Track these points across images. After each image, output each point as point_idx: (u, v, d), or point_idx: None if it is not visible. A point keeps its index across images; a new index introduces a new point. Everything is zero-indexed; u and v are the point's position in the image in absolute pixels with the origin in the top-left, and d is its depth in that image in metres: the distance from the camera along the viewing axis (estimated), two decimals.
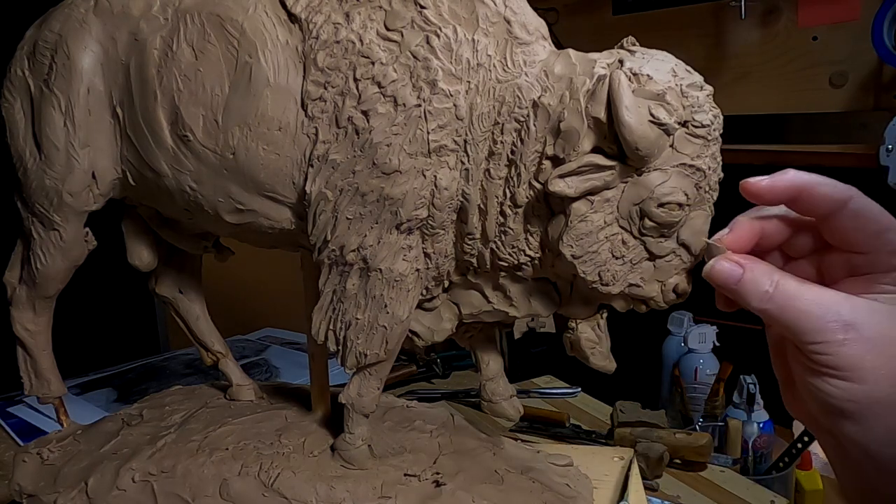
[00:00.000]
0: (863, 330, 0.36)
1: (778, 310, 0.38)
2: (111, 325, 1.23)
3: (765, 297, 0.38)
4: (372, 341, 0.50)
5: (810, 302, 0.37)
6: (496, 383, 0.58)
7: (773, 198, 0.40)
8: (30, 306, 0.56)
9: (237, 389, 0.62)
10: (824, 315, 0.37)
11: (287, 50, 0.47)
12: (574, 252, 0.45)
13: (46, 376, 0.59)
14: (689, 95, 0.43)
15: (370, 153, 0.45)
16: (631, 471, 0.61)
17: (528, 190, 0.46)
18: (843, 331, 0.36)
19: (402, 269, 0.48)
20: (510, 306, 0.52)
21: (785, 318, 0.38)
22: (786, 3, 1.16)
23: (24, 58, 0.53)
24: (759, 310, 0.39)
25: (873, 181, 0.94)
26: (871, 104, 1.08)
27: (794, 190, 0.39)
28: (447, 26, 0.45)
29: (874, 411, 0.36)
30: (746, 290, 0.39)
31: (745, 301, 0.40)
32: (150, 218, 0.58)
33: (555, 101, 0.44)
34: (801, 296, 0.38)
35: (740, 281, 0.40)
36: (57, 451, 0.56)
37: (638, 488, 0.59)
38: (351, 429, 0.53)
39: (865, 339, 0.36)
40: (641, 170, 0.44)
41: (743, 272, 0.40)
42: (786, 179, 0.39)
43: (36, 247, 0.54)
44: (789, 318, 0.38)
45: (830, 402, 0.37)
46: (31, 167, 0.52)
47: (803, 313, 0.37)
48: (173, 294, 0.62)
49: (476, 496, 0.51)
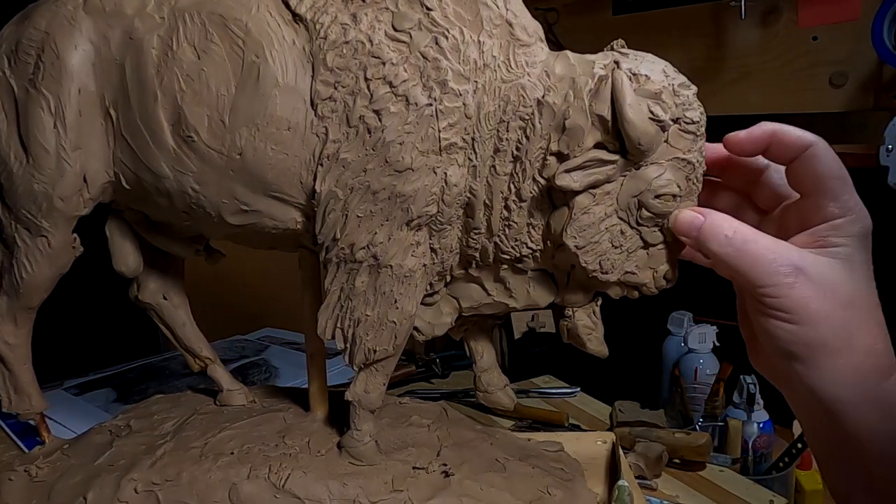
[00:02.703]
0: (809, 276, 0.40)
1: (736, 253, 0.42)
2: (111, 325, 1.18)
3: (724, 241, 0.43)
4: (381, 337, 0.51)
5: (764, 248, 0.41)
6: (490, 374, 0.60)
7: (751, 146, 0.45)
8: (10, 318, 0.54)
9: (228, 394, 0.61)
10: (776, 259, 0.41)
11: (294, 50, 0.47)
12: (577, 243, 0.48)
13: (27, 391, 0.56)
14: (681, 94, 0.46)
15: (382, 151, 0.46)
16: (618, 453, 0.65)
17: (533, 185, 0.48)
18: (793, 275, 0.40)
19: (411, 265, 0.49)
20: (510, 298, 0.54)
21: (741, 263, 0.42)
22: (786, 3, 1.15)
23: (4, 56, 0.50)
24: (718, 253, 0.43)
25: (873, 181, 0.92)
26: (871, 104, 1.07)
27: (768, 136, 0.44)
28: (454, 28, 0.47)
29: (820, 353, 0.40)
30: (707, 235, 0.44)
31: (706, 245, 0.44)
32: (136, 223, 0.56)
33: (559, 100, 0.46)
34: (757, 241, 0.42)
35: (702, 227, 0.44)
36: (46, 467, 0.53)
37: (627, 469, 0.63)
38: (358, 425, 0.53)
39: (811, 284, 0.40)
40: (639, 164, 0.47)
41: (704, 219, 0.44)
42: (760, 128, 0.44)
43: (20, 255, 0.51)
44: (745, 262, 0.42)
45: (781, 345, 0.41)
46: (17, 171, 0.50)
47: (758, 257, 0.41)
48: (157, 301, 0.61)
49: (484, 484, 0.53)
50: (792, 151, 0.43)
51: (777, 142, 0.44)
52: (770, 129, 0.44)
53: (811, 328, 0.40)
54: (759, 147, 0.45)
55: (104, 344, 1.16)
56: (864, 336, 0.40)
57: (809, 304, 0.40)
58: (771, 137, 0.44)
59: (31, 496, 0.51)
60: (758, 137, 0.44)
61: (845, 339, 0.40)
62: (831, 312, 0.40)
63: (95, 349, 1.12)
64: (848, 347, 0.40)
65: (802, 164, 0.43)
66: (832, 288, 0.40)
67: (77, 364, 1.03)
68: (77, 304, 0.99)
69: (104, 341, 1.18)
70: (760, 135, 0.44)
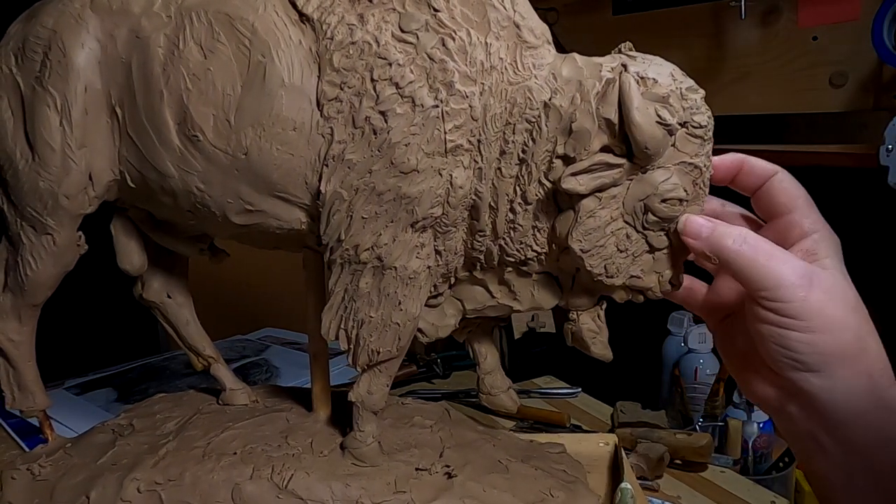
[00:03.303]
0: (821, 282, 0.41)
1: (747, 259, 0.42)
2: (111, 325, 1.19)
3: (736, 246, 0.43)
4: (385, 338, 0.51)
5: (776, 255, 0.42)
6: (494, 376, 0.60)
7: (722, 174, 0.47)
8: (14, 315, 0.54)
9: (231, 394, 0.61)
10: (788, 266, 0.41)
11: (300, 50, 0.47)
12: (583, 246, 0.48)
13: (31, 388, 0.56)
14: (688, 98, 0.46)
15: (388, 153, 0.46)
16: (620, 455, 0.65)
17: (539, 187, 0.48)
18: (807, 280, 0.41)
19: (415, 267, 0.49)
20: (514, 300, 0.54)
21: (755, 266, 0.42)
22: (786, 3, 1.14)
23: (11, 54, 0.50)
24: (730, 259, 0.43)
25: (873, 181, 0.93)
26: (871, 104, 1.07)
27: (737, 164, 0.46)
28: (461, 29, 0.46)
29: (836, 361, 0.40)
30: (720, 235, 0.44)
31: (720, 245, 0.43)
32: (141, 221, 0.56)
33: (566, 103, 0.46)
34: (768, 249, 0.42)
35: (715, 229, 0.44)
36: (48, 466, 0.53)
37: (630, 471, 0.63)
38: (361, 427, 0.53)
39: (824, 290, 0.40)
40: (646, 168, 0.46)
41: (715, 226, 0.45)
42: (731, 157, 0.46)
43: (25, 252, 0.51)
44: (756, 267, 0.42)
45: (796, 356, 0.41)
46: (23, 169, 0.50)
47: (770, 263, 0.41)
48: (162, 299, 0.61)
49: (486, 486, 0.53)
50: (759, 179, 0.45)
51: (745, 171, 0.46)
52: (740, 158, 0.46)
53: (828, 335, 0.40)
54: (728, 175, 0.47)
55: (105, 344, 1.16)
56: (872, 341, 0.41)
57: (825, 310, 0.40)
58: (740, 165, 0.46)
59: (33, 495, 0.51)
60: (728, 166, 0.46)
61: (859, 344, 0.40)
62: (846, 317, 0.40)
63: (96, 349, 1.12)
64: (862, 352, 0.40)
65: (772, 188, 0.45)
66: (842, 293, 0.41)
67: (78, 364, 1.03)
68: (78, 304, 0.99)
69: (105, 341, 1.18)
70: (730, 163, 0.46)
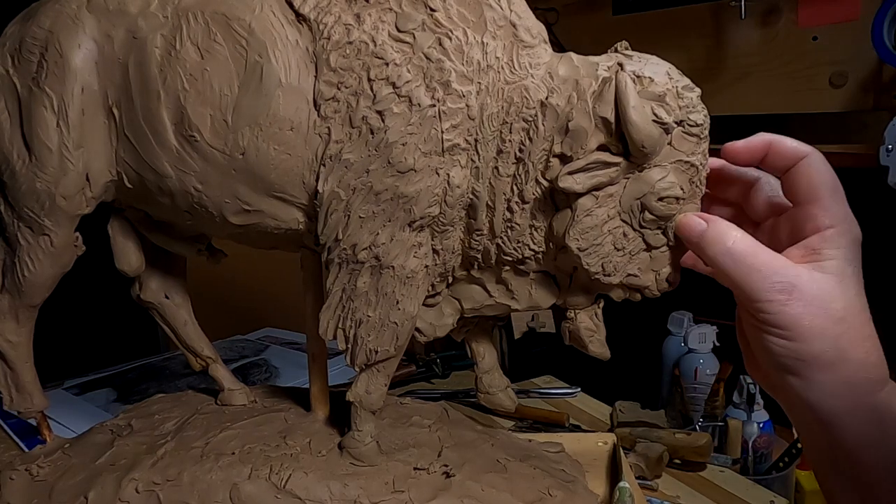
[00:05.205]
0: (803, 293, 0.41)
1: (733, 264, 0.42)
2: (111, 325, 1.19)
3: (724, 251, 0.43)
4: (383, 338, 0.51)
5: (762, 262, 0.42)
6: (492, 375, 0.60)
7: (749, 155, 0.45)
8: (12, 316, 0.54)
9: (229, 394, 0.61)
10: (771, 276, 0.41)
11: (297, 50, 0.47)
12: (580, 245, 0.48)
13: (28, 390, 0.56)
14: (685, 97, 0.46)
15: (385, 152, 0.46)
16: (619, 455, 0.65)
17: (536, 186, 0.48)
18: (787, 292, 0.40)
19: (413, 266, 0.49)
20: (512, 299, 0.54)
21: (737, 274, 0.42)
22: (786, 3, 1.15)
23: (7, 55, 0.50)
24: (717, 261, 0.43)
25: (873, 181, 0.93)
26: (871, 104, 1.07)
27: (765, 145, 0.45)
28: (457, 29, 0.46)
29: (813, 367, 0.41)
30: (707, 242, 0.44)
31: (706, 251, 0.44)
32: (138, 222, 0.56)
33: (563, 102, 0.46)
34: (756, 255, 0.42)
35: (704, 233, 0.44)
36: (47, 467, 0.53)
37: (628, 470, 0.63)
38: (359, 426, 0.53)
39: (805, 301, 0.40)
40: (643, 166, 0.46)
41: (707, 226, 0.44)
42: (758, 138, 0.45)
43: (23, 253, 0.51)
44: (741, 274, 0.42)
45: (775, 359, 0.42)
46: (20, 169, 0.50)
47: (754, 271, 0.41)
48: (159, 300, 0.61)
49: (485, 485, 0.53)
50: (788, 161, 0.44)
51: (774, 151, 0.44)
52: (767, 139, 0.45)
53: (805, 343, 0.41)
54: (756, 156, 0.45)
55: (104, 344, 1.16)
56: (856, 350, 0.41)
57: (802, 320, 0.40)
58: (768, 147, 0.45)
59: (32, 495, 0.51)
60: (755, 147, 0.45)
61: (838, 353, 0.40)
62: (824, 328, 0.40)
63: (95, 349, 1.12)
64: (841, 361, 0.40)
65: (798, 172, 0.44)
66: (825, 304, 0.41)
67: (77, 364, 1.03)
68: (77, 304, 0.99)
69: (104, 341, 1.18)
70: (758, 144, 0.45)
